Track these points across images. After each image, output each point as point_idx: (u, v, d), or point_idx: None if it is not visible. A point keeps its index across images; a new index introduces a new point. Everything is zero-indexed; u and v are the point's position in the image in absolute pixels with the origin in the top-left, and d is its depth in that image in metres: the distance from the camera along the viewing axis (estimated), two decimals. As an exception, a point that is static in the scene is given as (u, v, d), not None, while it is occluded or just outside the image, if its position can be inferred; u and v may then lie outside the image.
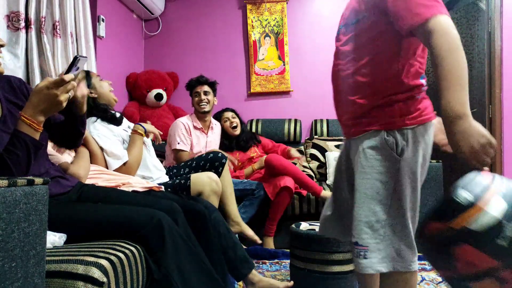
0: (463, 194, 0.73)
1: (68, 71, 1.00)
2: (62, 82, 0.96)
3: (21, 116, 0.97)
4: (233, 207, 2.07)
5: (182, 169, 2.13)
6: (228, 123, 2.80)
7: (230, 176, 2.15)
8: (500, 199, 0.67)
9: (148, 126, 2.03)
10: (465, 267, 0.71)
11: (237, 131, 2.80)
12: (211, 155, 2.08)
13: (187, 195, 1.86)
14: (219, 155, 2.06)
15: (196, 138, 2.57)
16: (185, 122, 2.55)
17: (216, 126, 2.76)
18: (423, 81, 1.06)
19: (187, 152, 2.47)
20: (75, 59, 1.02)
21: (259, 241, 2.09)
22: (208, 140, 2.66)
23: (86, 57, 1.08)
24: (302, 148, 3.18)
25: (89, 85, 1.85)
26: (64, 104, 0.99)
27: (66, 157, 1.63)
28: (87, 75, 1.88)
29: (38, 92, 0.96)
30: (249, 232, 2.07)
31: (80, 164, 1.61)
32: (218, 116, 2.86)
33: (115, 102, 1.99)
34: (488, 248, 0.66)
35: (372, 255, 1.00)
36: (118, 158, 1.78)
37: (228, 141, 2.82)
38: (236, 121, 2.82)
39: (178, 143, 2.45)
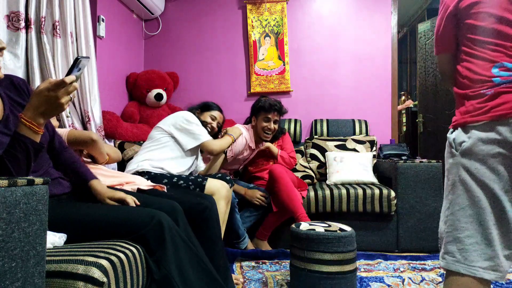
0: None
1: (69, 72, 0.99)
2: (62, 83, 0.95)
3: (21, 118, 0.96)
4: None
5: None
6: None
7: (231, 201, 2.11)
8: None
9: (236, 134, 2.39)
10: None
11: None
12: (219, 175, 2.08)
13: (194, 190, 1.88)
14: (227, 178, 2.06)
15: (241, 153, 2.56)
16: (247, 140, 2.50)
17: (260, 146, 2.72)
18: (496, 71, 0.97)
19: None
20: (76, 60, 1.01)
21: (241, 280, 1.95)
22: (248, 157, 2.68)
23: (88, 57, 1.08)
24: (302, 148, 3.17)
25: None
26: (65, 107, 0.98)
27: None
28: (207, 106, 2.36)
29: (39, 94, 0.95)
30: None
31: (113, 149, 1.90)
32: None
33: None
34: None
35: (442, 248, 1.04)
36: (201, 135, 2.12)
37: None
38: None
39: (229, 151, 2.46)
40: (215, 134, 2.35)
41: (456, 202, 1.00)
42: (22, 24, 1.95)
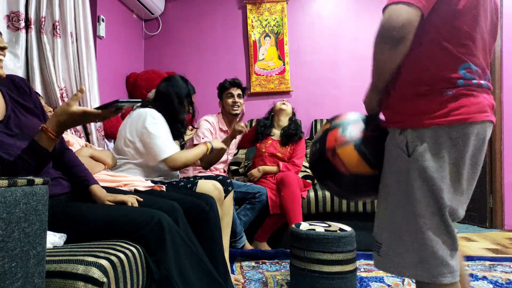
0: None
1: (106, 105, 1.02)
2: (97, 116, 1.01)
3: (47, 132, 1.01)
4: (225, 239, 1.97)
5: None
6: (279, 103, 2.75)
7: (232, 206, 2.06)
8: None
9: (217, 144, 2.03)
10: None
11: (285, 107, 2.72)
12: (220, 177, 2.01)
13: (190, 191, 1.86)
14: (228, 181, 2.00)
15: (220, 139, 2.50)
16: (211, 121, 2.48)
17: None
18: (463, 73, 0.89)
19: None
20: (115, 102, 1.01)
21: (242, 281, 1.94)
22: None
23: (140, 101, 1.10)
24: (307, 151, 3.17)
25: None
26: None
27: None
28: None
29: (70, 116, 1.01)
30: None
31: (106, 153, 1.83)
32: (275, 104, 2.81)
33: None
34: None
35: (386, 255, 0.96)
36: (167, 149, 1.79)
37: (268, 124, 2.72)
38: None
39: (203, 138, 2.37)
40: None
41: (411, 211, 0.92)
42: (22, 24, 1.95)
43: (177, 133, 1.95)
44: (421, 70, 0.92)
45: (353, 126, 1.03)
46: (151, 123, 1.78)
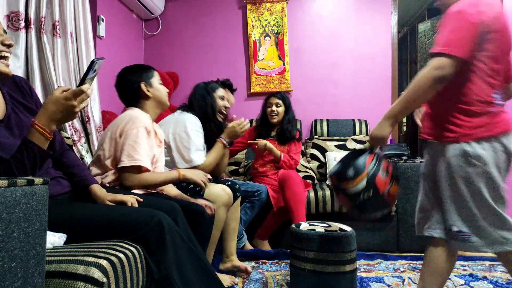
0: (350, 172, 1.28)
1: (85, 76, 0.99)
2: (80, 92, 0.96)
3: (35, 125, 0.97)
4: (232, 243, 2.00)
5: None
6: (269, 110, 2.67)
7: (239, 211, 2.08)
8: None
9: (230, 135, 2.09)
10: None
11: (275, 120, 2.65)
12: (229, 182, 2.01)
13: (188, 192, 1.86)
14: (236, 186, 2.00)
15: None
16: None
17: None
18: (496, 96, 1.24)
19: None
20: (92, 63, 1.01)
21: (250, 270, 1.99)
22: None
23: (103, 58, 1.08)
24: (302, 148, 3.17)
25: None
26: (77, 115, 1.00)
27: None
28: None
29: (55, 102, 0.96)
30: (241, 265, 1.99)
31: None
32: (266, 99, 2.73)
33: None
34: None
35: (474, 240, 1.26)
36: (190, 160, 1.93)
37: (266, 128, 2.70)
38: (279, 110, 2.65)
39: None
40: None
41: (484, 205, 1.23)
42: (22, 24, 1.94)
43: (211, 135, 2.06)
44: (470, 95, 1.23)
45: (383, 166, 1.32)
46: (193, 129, 1.95)
